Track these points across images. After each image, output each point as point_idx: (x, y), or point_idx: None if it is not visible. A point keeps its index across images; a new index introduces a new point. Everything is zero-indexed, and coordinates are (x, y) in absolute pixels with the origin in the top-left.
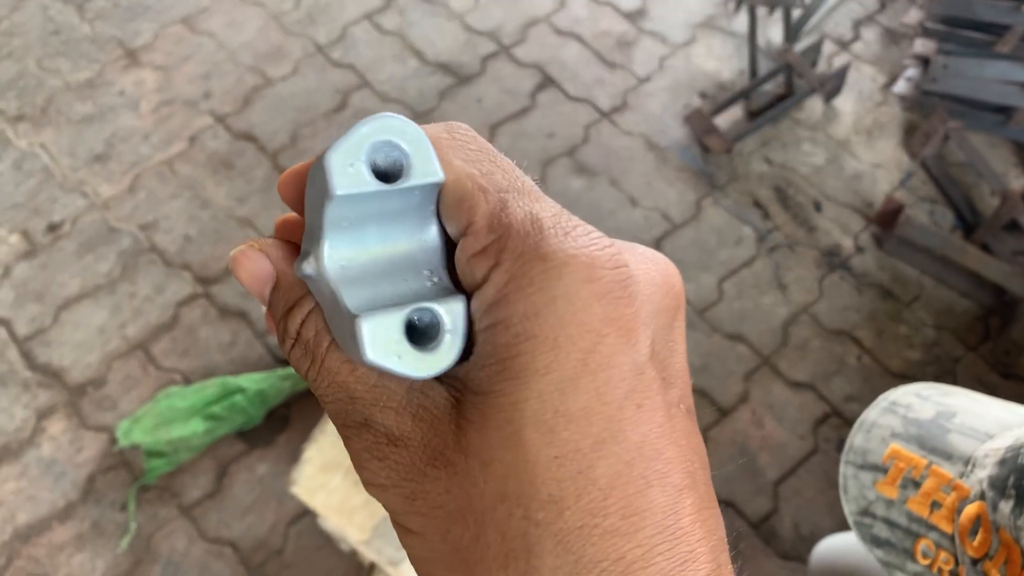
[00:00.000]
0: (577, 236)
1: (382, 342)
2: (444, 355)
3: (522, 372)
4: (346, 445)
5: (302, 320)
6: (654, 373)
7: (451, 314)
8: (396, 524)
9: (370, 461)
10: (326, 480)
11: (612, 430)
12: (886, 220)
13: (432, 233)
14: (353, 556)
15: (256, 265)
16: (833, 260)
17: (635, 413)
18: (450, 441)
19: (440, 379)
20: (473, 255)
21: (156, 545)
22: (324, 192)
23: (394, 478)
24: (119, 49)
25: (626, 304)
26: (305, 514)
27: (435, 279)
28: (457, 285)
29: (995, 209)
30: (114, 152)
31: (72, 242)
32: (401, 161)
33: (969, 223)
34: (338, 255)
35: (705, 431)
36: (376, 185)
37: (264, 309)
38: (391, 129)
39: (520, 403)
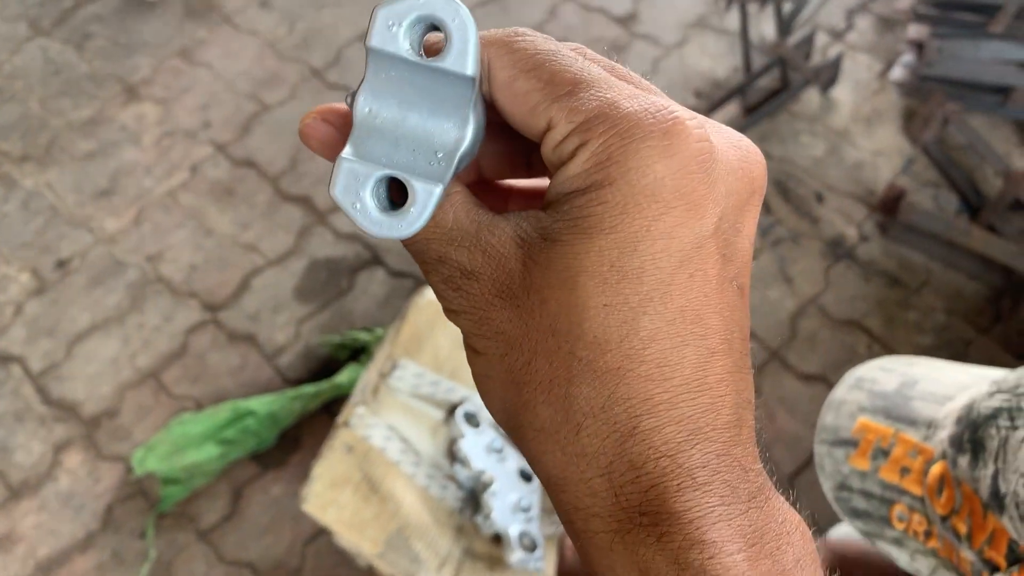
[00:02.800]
0: (656, 111)
1: (350, 187)
2: (401, 223)
3: (589, 229)
4: (427, 279)
5: None
6: (713, 248)
7: (423, 191)
8: (467, 345)
9: (447, 291)
10: (336, 496)
11: (660, 291)
12: (889, 207)
13: (457, 124)
14: (370, 572)
15: (324, 133)
16: (838, 250)
17: (686, 280)
18: (516, 278)
19: (512, 225)
20: (556, 144)
21: (176, 571)
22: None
23: (465, 305)
24: (118, 85)
25: (700, 180)
26: (321, 533)
27: (440, 164)
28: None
29: (999, 190)
30: (118, 186)
31: (81, 277)
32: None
33: (973, 205)
34: (369, 101)
35: None
36: (406, 53)
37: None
38: (441, 8)
39: (581, 254)
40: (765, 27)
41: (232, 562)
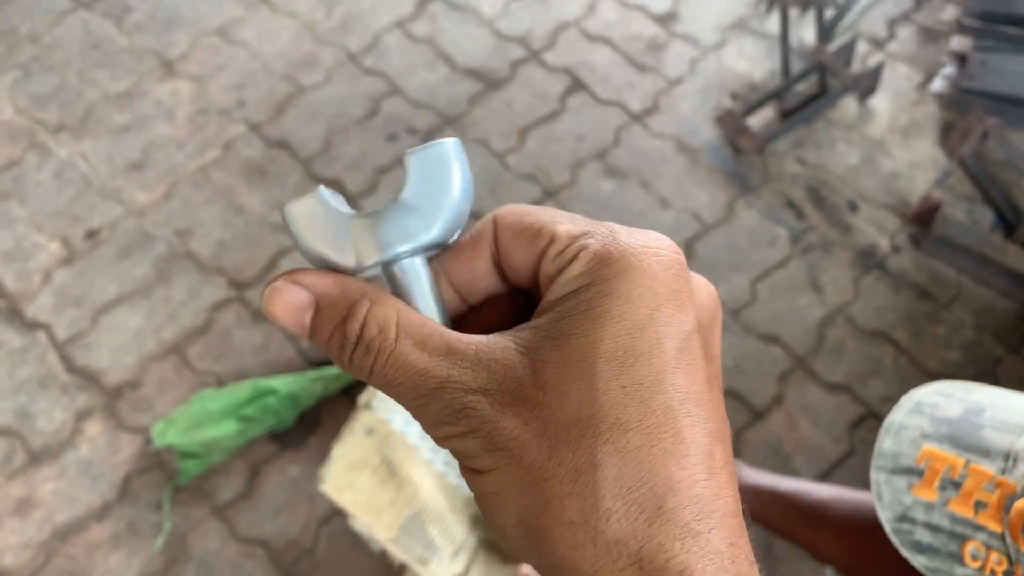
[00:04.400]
0: (642, 234)
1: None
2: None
3: (599, 319)
4: (420, 414)
5: (361, 323)
6: (698, 344)
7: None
8: (470, 470)
9: (449, 416)
10: (354, 479)
11: (668, 372)
12: (923, 219)
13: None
14: (383, 556)
15: (293, 296)
16: (869, 260)
17: (685, 366)
18: (526, 383)
19: (509, 338)
20: (558, 254)
21: (190, 545)
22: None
23: (473, 424)
24: (155, 60)
25: (683, 283)
26: (336, 514)
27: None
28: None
29: None
30: (150, 160)
31: (109, 248)
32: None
33: (1009, 222)
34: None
35: (738, 433)
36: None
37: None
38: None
39: (596, 342)
40: (805, 32)
41: (246, 539)
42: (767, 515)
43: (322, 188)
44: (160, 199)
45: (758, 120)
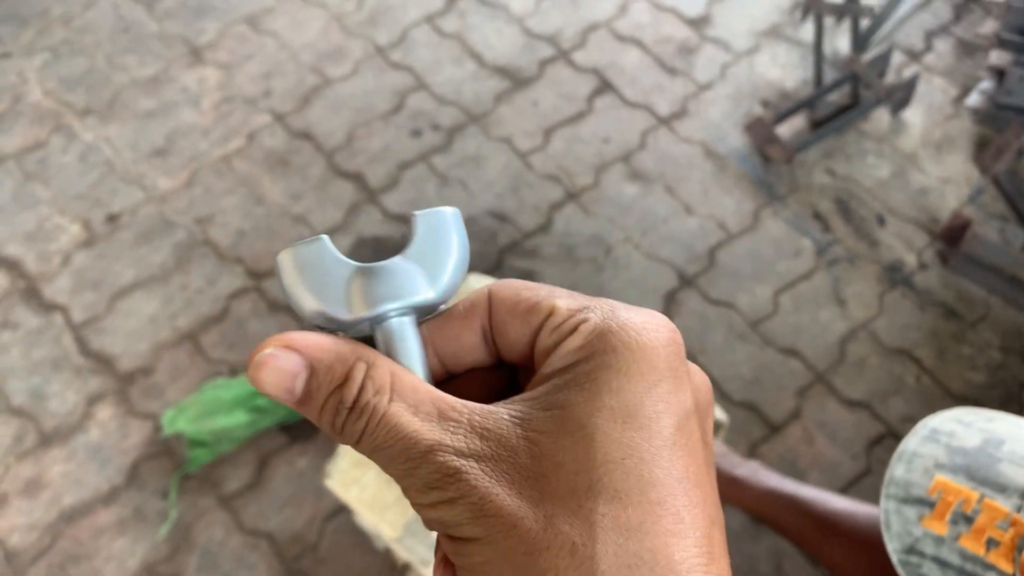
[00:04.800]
0: (641, 311)
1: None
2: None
3: (597, 391)
4: (408, 478)
5: (359, 387)
6: (696, 425)
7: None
8: (455, 539)
9: (439, 480)
10: (359, 475)
11: (667, 448)
12: (952, 236)
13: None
14: (387, 555)
15: (285, 363)
16: (895, 276)
17: (684, 443)
18: (521, 453)
19: (504, 408)
20: (556, 326)
21: (195, 534)
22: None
23: (463, 489)
24: (184, 47)
25: (681, 361)
26: (341, 510)
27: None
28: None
29: None
30: (174, 147)
31: (129, 233)
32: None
33: None
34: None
35: (754, 447)
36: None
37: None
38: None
39: (593, 413)
40: (840, 42)
41: (251, 531)
42: (781, 518)
43: (325, 237)
44: (182, 186)
45: (788, 129)
